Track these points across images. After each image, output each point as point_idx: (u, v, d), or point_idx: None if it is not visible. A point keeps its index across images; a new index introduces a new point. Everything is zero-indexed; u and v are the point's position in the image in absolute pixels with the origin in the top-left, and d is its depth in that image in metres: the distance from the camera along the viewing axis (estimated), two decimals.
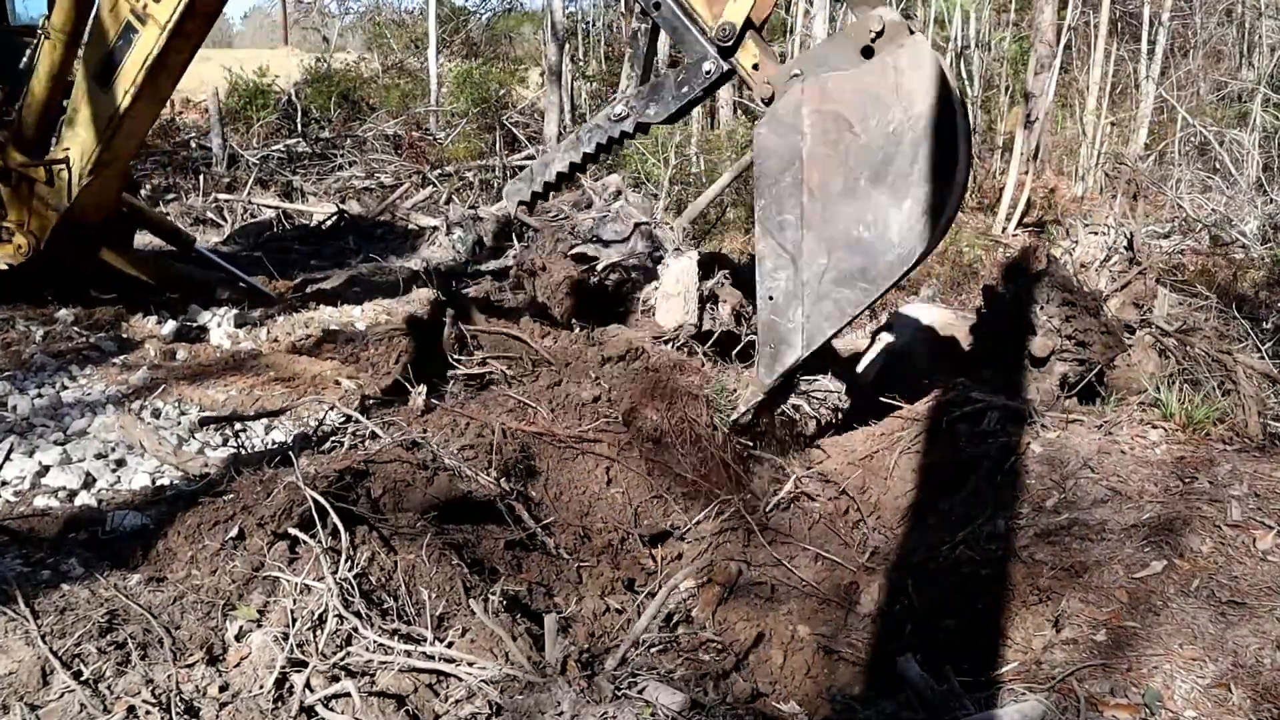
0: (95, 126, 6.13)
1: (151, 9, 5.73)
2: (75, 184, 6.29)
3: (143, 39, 5.82)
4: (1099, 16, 17.09)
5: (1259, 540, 3.34)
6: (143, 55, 5.87)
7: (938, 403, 5.27)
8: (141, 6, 5.74)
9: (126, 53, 5.88)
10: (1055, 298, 5.71)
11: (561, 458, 4.74)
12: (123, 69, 5.92)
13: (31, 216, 6.46)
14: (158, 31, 5.79)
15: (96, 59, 6.00)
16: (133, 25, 5.82)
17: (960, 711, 2.81)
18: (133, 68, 5.90)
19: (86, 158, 6.24)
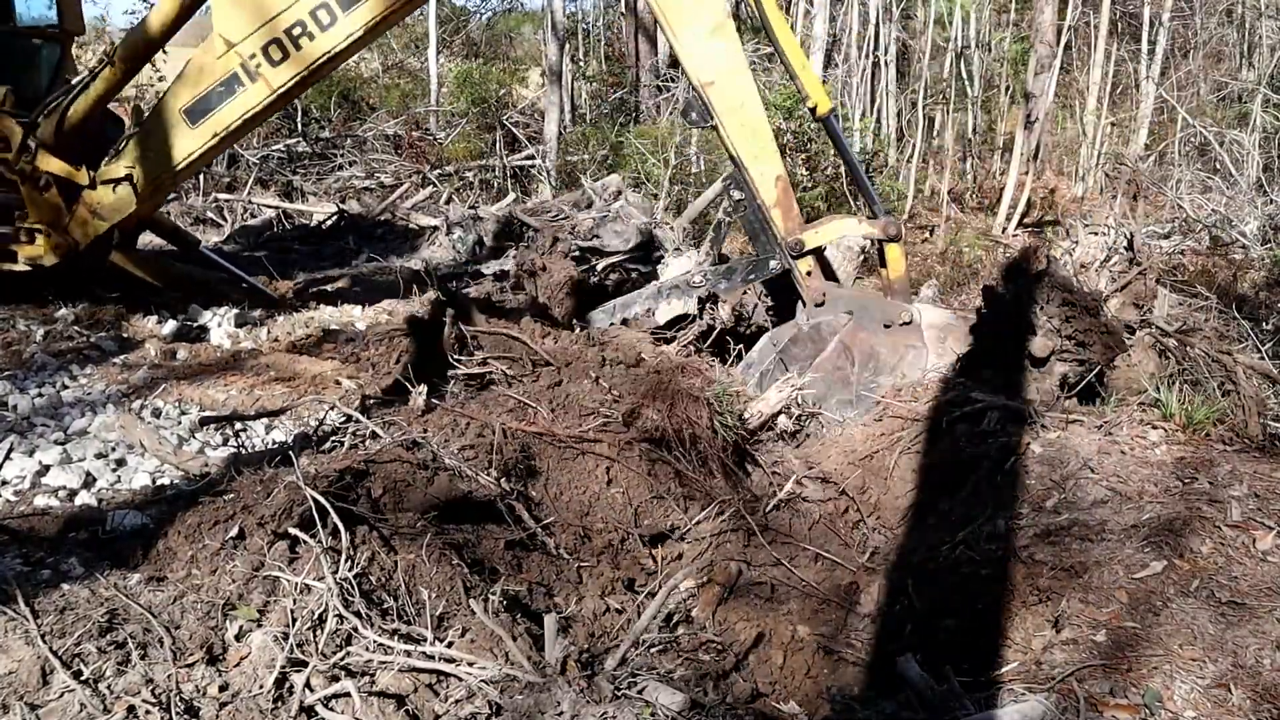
0: (171, 155, 6.31)
1: (265, 71, 5.91)
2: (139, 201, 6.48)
3: (247, 94, 6.01)
4: (1099, 17, 17.09)
5: (1259, 540, 3.34)
6: (244, 109, 6.06)
7: (938, 403, 5.27)
8: (255, 66, 5.91)
9: (226, 100, 6.04)
10: (1055, 298, 5.70)
11: (562, 458, 4.74)
12: (219, 113, 6.09)
13: (72, 220, 6.53)
14: (267, 93, 5.99)
15: (189, 97, 6.12)
16: (239, 78, 5.97)
17: (960, 711, 2.81)
18: (230, 116, 6.09)
19: (151, 180, 6.41)
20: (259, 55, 5.92)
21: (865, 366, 5.40)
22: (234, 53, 5.93)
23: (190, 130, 6.18)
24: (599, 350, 5.60)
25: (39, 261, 6.64)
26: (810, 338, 5.48)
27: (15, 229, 6.65)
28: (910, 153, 16.52)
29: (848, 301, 5.62)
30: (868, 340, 5.43)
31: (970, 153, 18.96)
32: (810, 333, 5.49)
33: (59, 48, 7.44)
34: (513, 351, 5.53)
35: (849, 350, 5.41)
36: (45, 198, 6.55)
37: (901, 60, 19.81)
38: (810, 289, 5.58)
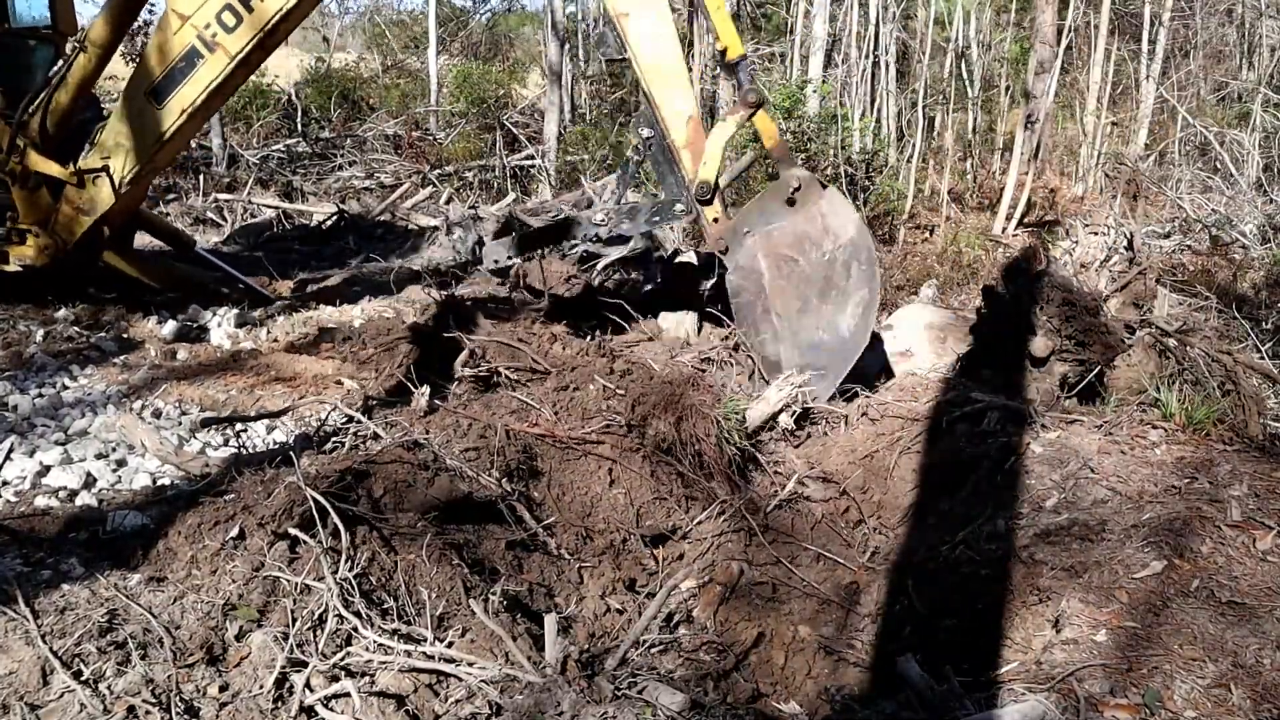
0: (143, 140, 6.28)
1: (222, 39, 5.90)
2: (117, 192, 6.43)
3: (208, 65, 6.00)
4: (1099, 17, 17.09)
5: (1259, 540, 3.34)
6: (206, 81, 6.04)
7: (938, 403, 5.27)
8: (211, 35, 5.90)
9: (188, 75, 6.03)
10: (1055, 298, 5.72)
11: (564, 459, 4.74)
12: (181, 90, 6.07)
13: (57, 219, 6.52)
14: (226, 60, 5.97)
15: (151, 78, 6.12)
16: (198, 51, 5.97)
17: (960, 711, 2.81)
18: (193, 90, 6.07)
19: (129, 168, 6.38)
20: (213, 24, 5.90)
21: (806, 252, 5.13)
22: (189, 26, 5.93)
23: (158, 111, 6.14)
24: (608, 360, 5.62)
25: (30, 263, 6.61)
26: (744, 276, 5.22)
27: (7, 230, 6.62)
28: (910, 153, 16.52)
29: (739, 223, 5.33)
30: (785, 231, 5.18)
31: (970, 153, 18.96)
32: (739, 274, 5.23)
33: (53, 48, 7.44)
34: (519, 358, 5.54)
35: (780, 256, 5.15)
36: (35, 198, 6.53)
37: (901, 60, 19.80)
38: (714, 237, 5.32)
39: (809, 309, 5.20)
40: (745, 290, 5.25)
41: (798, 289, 5.19)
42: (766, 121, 5.38)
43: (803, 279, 5.17)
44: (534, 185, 16.01)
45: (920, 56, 18.14)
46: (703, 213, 5.34)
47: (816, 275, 5.14)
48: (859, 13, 17.31)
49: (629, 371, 5.47)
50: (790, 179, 5.23)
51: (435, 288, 7.32)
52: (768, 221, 5.26)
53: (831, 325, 5.18)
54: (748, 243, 5.23)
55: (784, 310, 5.21)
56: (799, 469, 5.19)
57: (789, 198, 5.22)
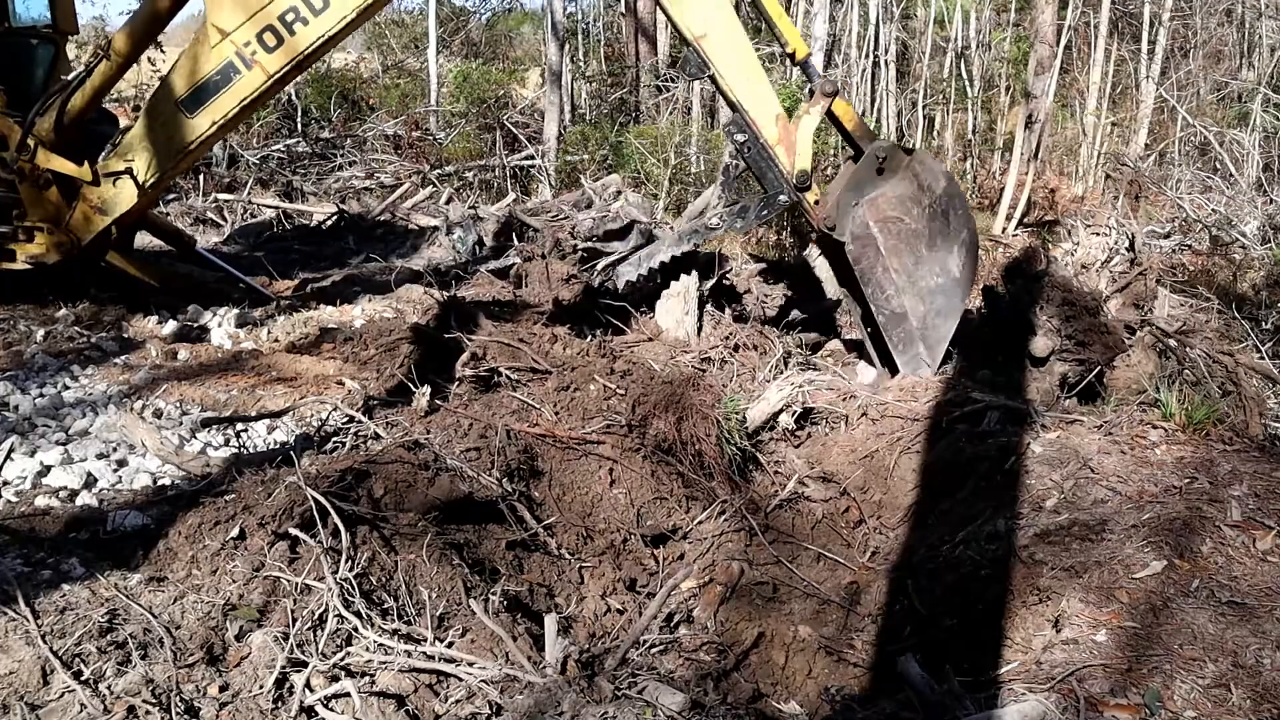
0: (170, 146, 6.34)
1: (261, 58, 5.97)
2: (141, 195, 6.50)
3: (244, 80, 6.06)
4: (1099, 16, 17.09)
5: (1259, 540, 3.34)
6: (240, 96, 6.11)
7: (938, 403, 5.28)
8: (250, 53, 5.97)
9: (223, 89, 6.08)
10: (1055, 298, 5.72)
11: (565, 459, 4.75)
12: (215, 102, 6.13)
13: (72, 217, 6.58)
14: (263, 79, 6.06)
15: (185, 88, 6.16)
16: (235, 66, 6.03)
17: (960, 711, 2.81)
18: (227, 103, 6.13)
19: (151, 172, 6.43)
20: (254, 42, 5.96)
21: (909, 210, 5.65)
22: (228, 41, 5.97)
23: (188, 120, 6.20)
24: (609, 360, 5.62)
25: (40, 260, 6.65)
26: (861, 245, 5.68)
27: (14, 228, 6.66)
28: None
29: (844, 197, 5.75)
30: (888, 197, 5.66)
31: (970, 153, 18.96)
32: (856, 244, 5.68)
33: (53, 47, 7.46)
34: (520, 357, 5.54)
35: (888, 219, 5.62)
36: (45, 195, 6.57)
37: (901, 60, 19.81)
38: (821, 218, 5.76)
39: (922, 259, 5.72)
40: (865, 256, 5.68)
41: (910, 244, 5.69)
42: (845, 106, 5.87)
43: (912, 234, 5.68)
44: (534, 185, 16.01)
45: (920, 56, 18.14)
46: (804, 199, 5.77)
47: (922, 228, 5.69)
48: (859, 12, 17.31)
49: (629, 371, 5.47)
50: (876, 150, 5.73)
51: (436, 288, 7.32)
52: (867, 192, 5.70)
53: (944, 268, 5.75)
54: (856, 214, 5.66)
55: (901, 266, 5.69)
56: (799, 469, 5.20)
57: (878, 168, 5.71)
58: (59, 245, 6.60)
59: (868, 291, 5.75)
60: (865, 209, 5.65)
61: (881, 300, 5.76)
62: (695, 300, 6.62)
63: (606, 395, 5.19)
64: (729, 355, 6.29)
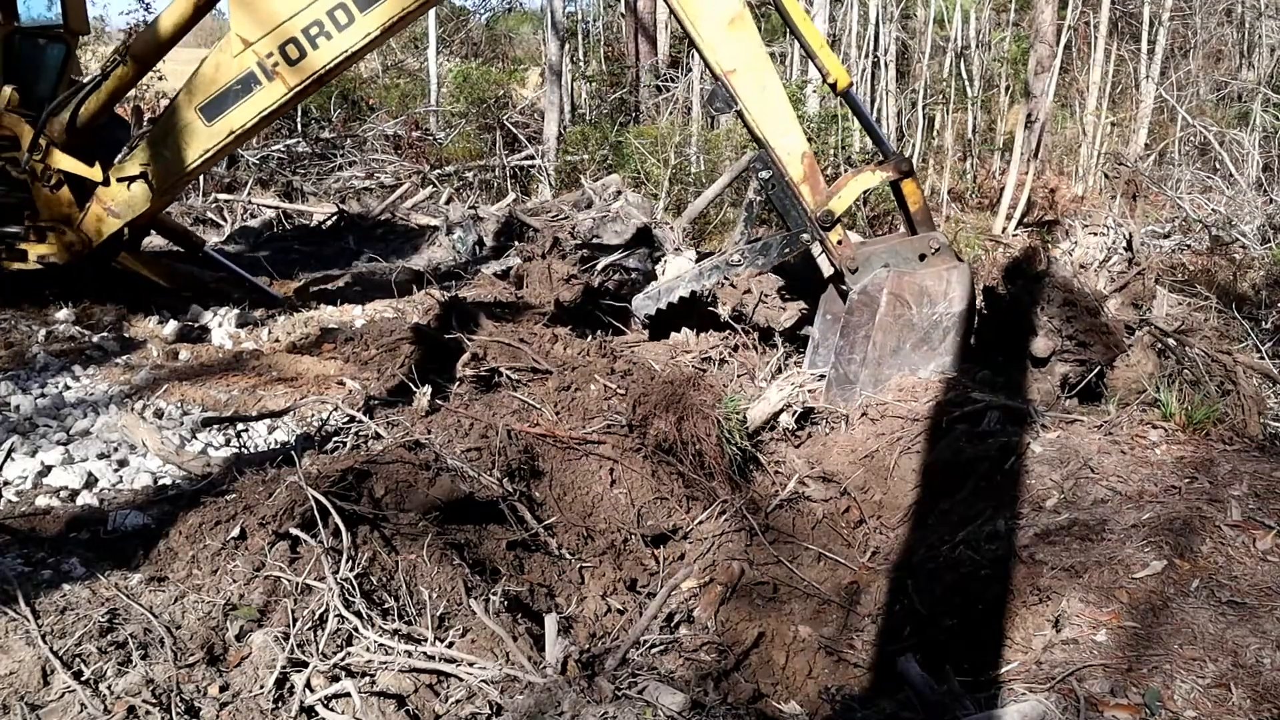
0: (185, 153, 6.38)
1: (283, 70, 6.02)
2: (155, 198, 6.56)
3: (264, 92, 6.10)
4: (1099, 16, 17.09)
5: (1259, 540, 3.34)
6: (260, 106, 6.17)
7: (938, 403, 5.28)
8: (272, 64, 6.01)
9: (244, 98, 6.14)
10: (1056, 298, 5.72)
11: (565, 459, 4.75)
12: (235, 111, 6.18)
13: (85, 217, 6.62)
14: (284, 91, 6.10)
15: (205, 95, 6.21)
16: (256, 77, 6.08)
17: (960, 711, 2.81)
18: (246, 113, 6.19)
19: (169, 175, 6.48)
20: (276, 54, 6.00)
21: (921, 305, 5.60)
22: (250, 52, 6.01)
23: (206, 128, 6.25)
24: (609, 360, 5.62)
25: (51, 260, 6.69)
26: (863, 302, 5.65)
27: (25, 228, 6.69)
28: (910, 153, 16.52)
29: (879, 255, 5.80)
30: (913, 281, 5.61)
31: (970, 152, 18.96)
32: (861, 298, 5.65)
33: (64, 47, 7.47)
34: (521, 358, 5.55)
35: (900, 298, 5.60)
36: (57, 196, 6.61)
37: (901, 60, 19.81)
38: (844, 257, 5.77)
39: (900, 352, 5.66)
40: (861, 312, 5.67)
41: (900, 332, 5.64)
42: (913, 187, 5.87)
43: (907, 325, 5.64)
44: (534, 185, 16.02)
45: (920, 56, 18.14)
46: (826, 238, 5.78)
47: (920, 328, 5.64)
48: (859, 12, 17.31)
49: (630, 372, 5.47)
50: (932, 239, 5.76)
51: (437, 288, 7.34)
52: (900, 264, 5.73)
53: (910, 369, 5.67)
54: (879, 273, 5.66)
55: (881, 343, 5.63)
56: (800, 469, 5.20)
57: (922, 253, 5.74)
58: (70, 246, 6.64)
59: (840, 343, 5.75)
60: (890, 275, 5.65)
61: (845, 356, 5.75)
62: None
63: (607, 395, 5.19)
64: (729, 355, 6.29)
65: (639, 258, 9.07)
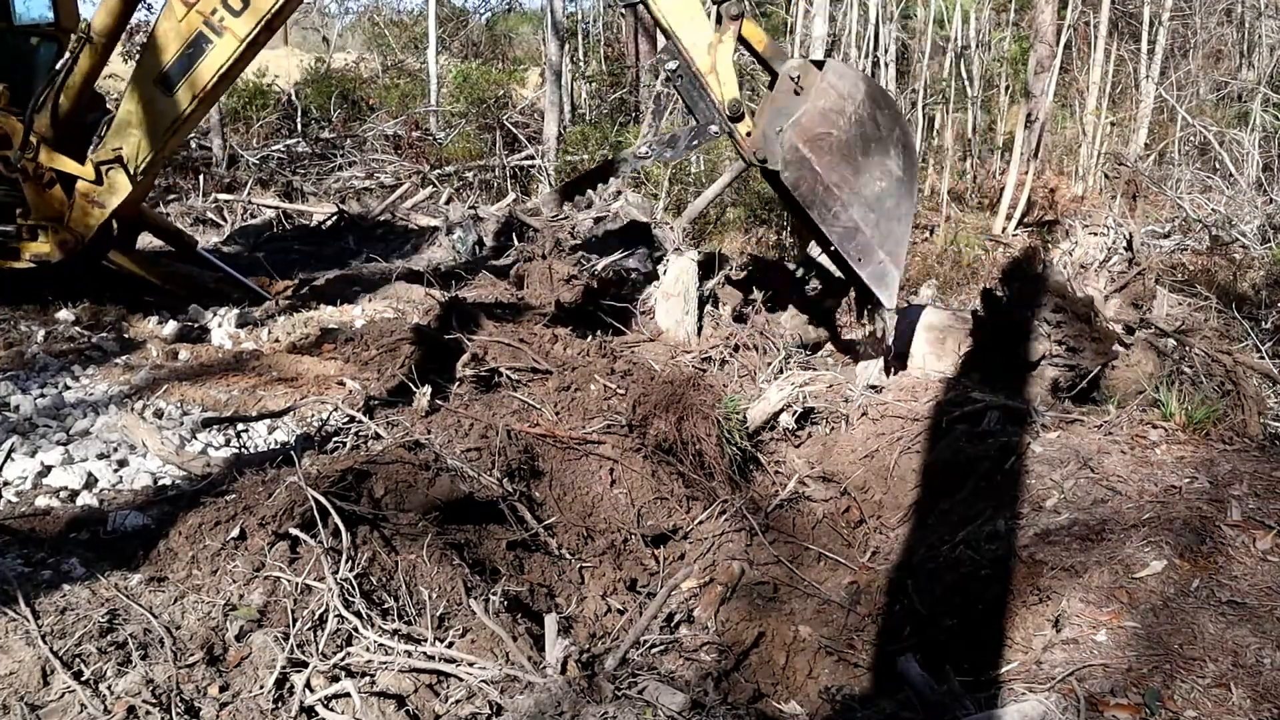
0: (154, 129, 6.34)
1: (230, 23, 6.00)
2: (133, 181, 6.50)
3: (217, 49, 6.09)
4: (1099, 16, 17.09)
5: (1259, 540, 3.34)
6: (216, 64, 6.13)
7: (938, 403, 5.28)
8: (218, 20, 6.00)
9: (197, 61, 6.11)
10: (1048, 303, 5.72)
11: (566, 459, 4.75)
12: (192, 76, 6.16)
13: (72, 214, 6.59)
14: (235, 43, 6.07)
15: (159, 66, 6.17)
16: (206, 36, 6.06)
17: (960, 711, 2.81)
18: (204, 75, 6.16)
19: (141, 157, 6.44)
20: (220, 9, 5.99)
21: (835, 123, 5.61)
22: (194, 12, 6.00)
23: (168, 99, 6.23)
24: (609, 360, 5.62)
25: (45, 258, 6.67)
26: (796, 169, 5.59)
27: (18, 226, 6.67)
28: None
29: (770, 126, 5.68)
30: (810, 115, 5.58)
31: (970, 152, 18.96)
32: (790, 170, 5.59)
33: (56, 46, 7.46)
34: (520, 359, 5.54)
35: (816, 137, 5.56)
36: (49, 195, 6.58)
37: (901, 60, 19.81)
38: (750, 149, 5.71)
39: (860, 168, 5.64)
40: (803, 180, 5.60)
41: (843, 155, 5.61)
42: (753, 28, 5.78)
43: (843, 145, 5.60)
44: (534, 185, 16.01)
45: (920, 56, 18.13)
46: (735, 129, 5.68)
47: (853, 137, 5.61)
48: (859, 12, 17.30)
49: (630, 372, 5.47)
50: (789, 72, 5.67)
51: (437, 288, 7.34)
52: (789, 115, 5.61)
53: (885, 171, 5.67)
54: (784, 139, 5.57)
55: (840, 180, 5.61)
56: (800, 469, 5.20)
57: (795, 89, 5.64)
58: (63, 244, 6.61)
59: (814, 215, 5.66)
60: (791, 133, 5.56)
61: (830, 219, 5.65)
62: (695, 300, 6.63)
63: (607, 395, 5.19)
64: (729, 355, 6.30)
65: (639, 258, 9.08)
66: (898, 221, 5.76)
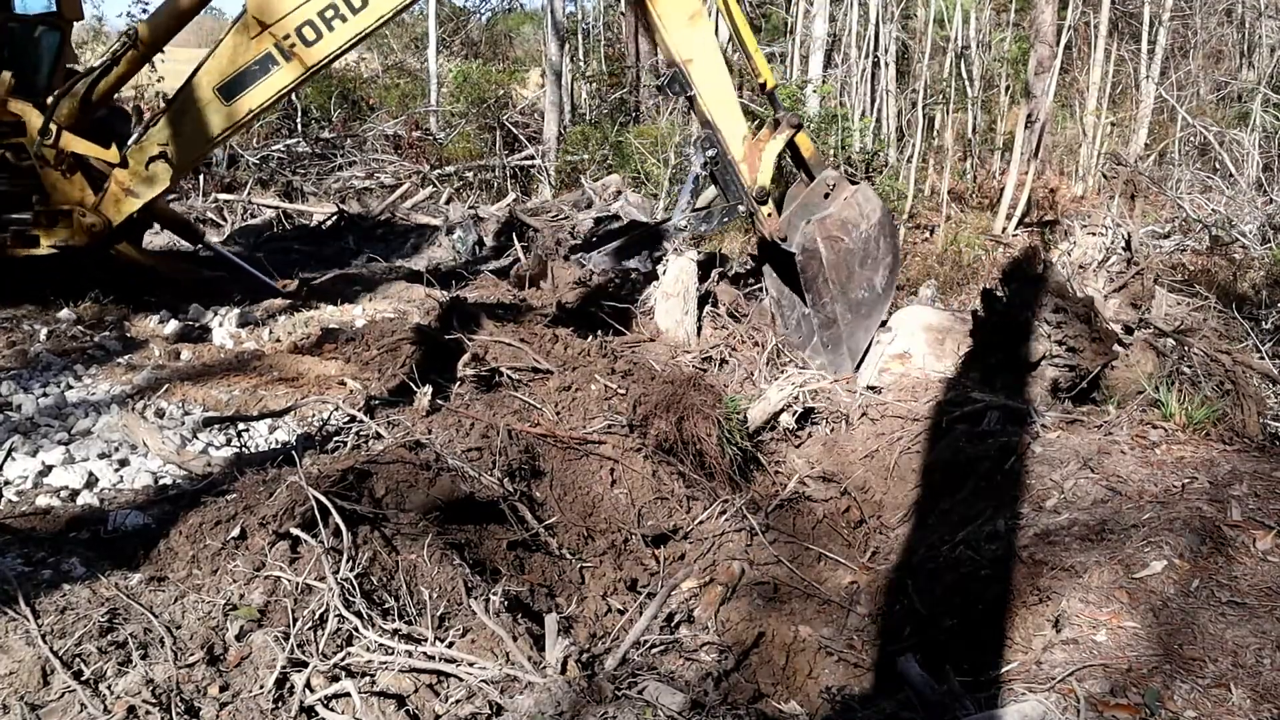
0: (203, 132, 6.60)
1: (300, 51, 6.32)
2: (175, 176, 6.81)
3: (282, 72, 6.38)
4: (1099, 16, 17.09)
5: (1259, 540, 3.34)
6: (278, 86, 6.46)
7: (938, 403, 5.28)
8: (289, 45, 6.30)
9: (261, 79, 6.40)
10: (1048, 303, 5.73)
11: (566, 459, 4.75)
12: (253, 91, 6.44)
13: (104, 200, 6.73)
14: (300, 70, 6.41)
15: (224, 76, 6.43)
16: (274, 58, 6.35)
17: (960, 711, 2.81)
18: (264, 93, 6.46)
19: (185, 156, 6.71)
20: (293, 36, 6.25)
21: (849, 232, 6.43)
22: (268, 34, 6.24)
23: (225, 107, 6.46)
24: (610, 360, 5.63)
25: (68, 244, 6.75)
26: (808, 256, 6.31)
27: (35, 214, 6.72)
28: (910, 153, 16.52)
29: (797, 215, 6.55)
30: (834, 218, 6.39)
31: (970, 152, 18.96)
32: (804, 254, 6.32)
33: (58, 35, 7.51)
34: (521, 359, 5.55)
35: (832, 237, 6.36)
36: (70, 181, 6.68)
37: (901, 60, 19.80)
38: (774, 229, 6.51)
39: (854, 275, 6.49)
40: (810, 266, 6.35)
41: (846, 261, 6.44)
42: (805, 139, 6.82)
43: (849, 252, 6.43)
44: (534, 185, 16.01)
45: (920, 56, 18.13)
46: (759, 210, 6.50)
47: (859, 248, 6.47)
48: (859, 12, 17.30)
49: (630, 372, 5.48)
50: (827, 178, 6.65)
51: (438, 288, 7.34)
52: (816, 212, 6.48)
53: (870, 284, 6.57)
54: (806, 230, 6.33)
55: (837, 278, 6.41)
56: (800, 469, 5.20)
57: (826, 193, 6.57)
58: (90, 229, 6.73)
59: (809, 297, 6.42)
60: (814, 226, 6.32)
61: (819, 305, 6.42)
62: (695, 300, 6.64)
63: (607, 395, 5.19)
64: (729, 355, 6.30)
65: (639, 258, 9.08)
66: (864, 328, 6.63)
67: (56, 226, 6.74)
